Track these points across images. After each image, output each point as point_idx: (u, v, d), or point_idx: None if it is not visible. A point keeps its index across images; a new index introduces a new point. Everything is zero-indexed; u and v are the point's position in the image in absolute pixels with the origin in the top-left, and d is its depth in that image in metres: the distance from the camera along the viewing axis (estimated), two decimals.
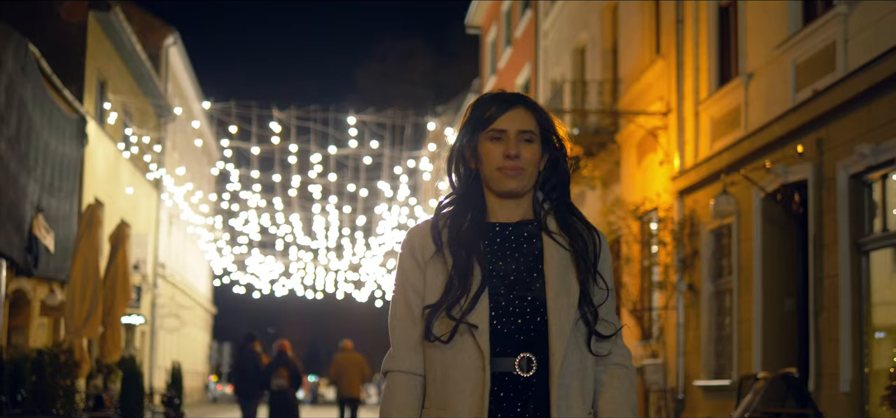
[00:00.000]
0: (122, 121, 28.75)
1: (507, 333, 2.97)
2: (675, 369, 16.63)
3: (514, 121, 3.06)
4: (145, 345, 35.08)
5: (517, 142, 3.05)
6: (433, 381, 3.03)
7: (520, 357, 2.96)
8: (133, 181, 30.43)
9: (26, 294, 21.04)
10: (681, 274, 16.38)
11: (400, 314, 3.10)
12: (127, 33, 28.12)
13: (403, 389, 3.06)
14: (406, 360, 3.07)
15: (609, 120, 19.94)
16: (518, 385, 2.96)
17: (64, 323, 19.49)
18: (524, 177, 3.05)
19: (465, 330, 2.96)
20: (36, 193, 20.23)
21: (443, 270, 3.03)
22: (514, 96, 3.12)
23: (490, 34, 35.19)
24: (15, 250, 18.97)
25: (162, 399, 23.89)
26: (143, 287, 32.17)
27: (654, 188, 17.47)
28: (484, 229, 3.08)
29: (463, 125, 3.15)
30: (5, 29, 18.40)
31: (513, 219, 3.10)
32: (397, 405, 3.05)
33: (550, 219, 3.10)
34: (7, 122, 18.49)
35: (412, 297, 3.08)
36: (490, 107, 3.10)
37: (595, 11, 21.92)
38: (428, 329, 3.00)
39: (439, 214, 3.14)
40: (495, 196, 3.10)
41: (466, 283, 2.97)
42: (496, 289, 2.99)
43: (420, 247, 3.09)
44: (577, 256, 3.04)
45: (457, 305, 2.96)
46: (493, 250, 3.05)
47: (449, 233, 3.06)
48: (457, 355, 2.97)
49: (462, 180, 3.13)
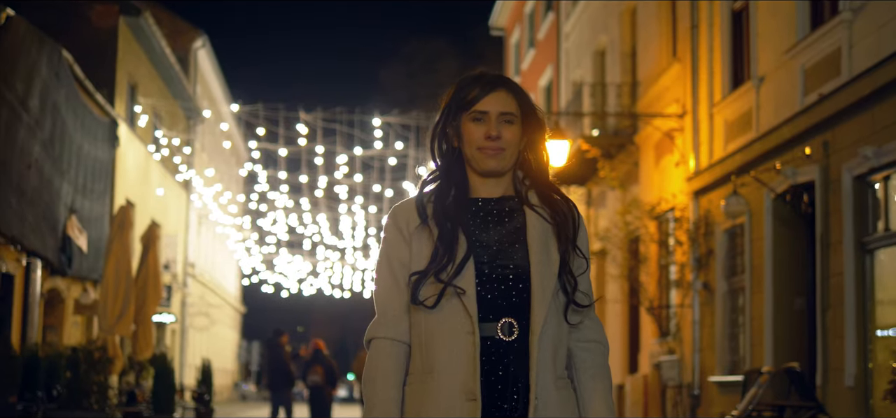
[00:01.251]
0: (152, 123, 29.22)
1: (490, 299, 3.06)
2: (690, 365, 16.99)
3: (495, 104, 3.16)
4: (176, 344, 35.59)
5: (498, 123, 3.15)
6: (419, 347, 3.10)
7: (502, 321, 3.04)
8: (163, 182, 30.91)
9: (61, 293, 21.53)
10: (696, 272, 16.75)
11: (385, 284, 3.19)
12: (156, 37, 28.62)
13: (388, 355, 3.12)
14: (391, 328, 3.14)
15: (628, 122, 20.31)
16: (500, 349, 3.04)
17: (97, 321, 20.00)
18: (504, 157, 3.16)
19: (452, 296, 3.04)
20: (69, 195, 20.74)
21: (428, 241, 3.12)
22: (496, 78, 3.22)
23: (513, 36, 35.54)
24: (50, 250, 19.49)
25: (192, 395, 24.42)
26: (174, 286, 32.66)
27: (671, 189, 17.84)
28: (467, 204, 3.19)
29: (446, 105, 3.24)
30: (39, 36, 18.91)
31: (494, 194, 3.21)
32: (382, 370, 3.11)
33: (532, 193, 3.22)
34: (41, 126, 19.01)
35: (397, 268, 3.16)
36: (473, 88, 3.19)
37: (614, 15, 22.28)
38: (415, 293, 3.08)
39: (423, 190, 3.25)
40: (477, 174, 3.21)
41: (452, 251, 3.07)
42: (480, 258, 3.08)
43: (405, 221, 3.18)
44: (557, 229, 3.16)
45: (444, 271, 3.05)
46: (476, 223, 3.16)
47: (434, 207, 3.16)
48: (444, 320, 3.05)
49: (444, 158, 3.24)
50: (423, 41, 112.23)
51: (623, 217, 18.94)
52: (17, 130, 17.75)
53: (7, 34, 17.23)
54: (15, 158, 17.69)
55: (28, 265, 18.88)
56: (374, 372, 3.12)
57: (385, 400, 3.08)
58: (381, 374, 3.11)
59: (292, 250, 37.49)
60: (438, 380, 3.03)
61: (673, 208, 17.47)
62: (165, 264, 30.08)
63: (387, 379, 3.10)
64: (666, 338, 17.72)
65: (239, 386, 59.29)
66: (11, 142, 17.49)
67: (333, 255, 36.93)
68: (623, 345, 21.18)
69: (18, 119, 17.83)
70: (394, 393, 3.09)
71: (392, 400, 3.09)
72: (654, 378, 18.05)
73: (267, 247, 36.63)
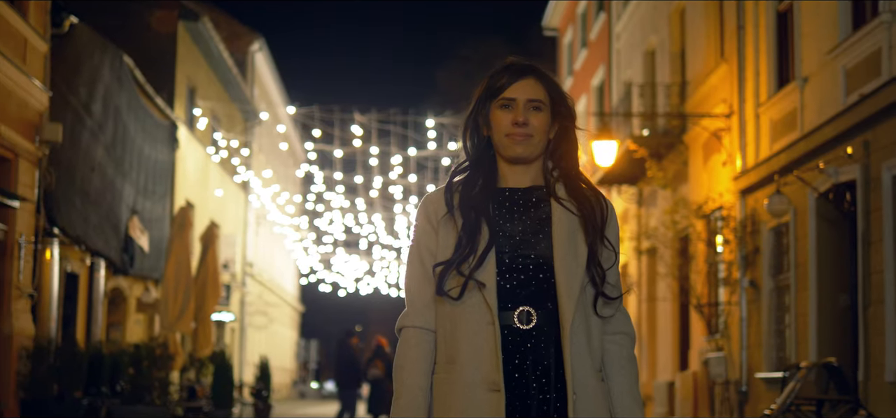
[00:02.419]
0: (210, 126, 29.70)
1: (509, 289, 3.11)
2: (738, 362, 17.20)
3: (523, 91, 3.21)
4: (235, 342, 36.13)
5: (526, 110, 3.19)
6: (444, 337, 3.15)
7: (519, 310, 3.09)
8: (222, 183, 31.42)
9: (123, 292, 22.08)
10: (743, 270, 16.96)
11: (414, 274, 3.24)
12: (215, 41, 29.15)
13: (416, 344, 3.18)
14: (419, 316, 3.20)
15: (677, 122, 20.52)
16: (517, 337, 3.09)
17: (158, 319, 20.57)
18: (532, 143, 3.20)
19: (474, 287, 3.09)
20: (131, 196, 21.29)
21: (454, 231, 3.17)
22: (524, 66, 3.26)
23: (567, 36, 35.76)
24: (112, 250, 20.05)
25: (251, 391, 24.95)
26: (233, 285, 33.18)
27: (718, 188, 18.05)
28: (494, 193, 3.23)
29: (478, 95, 3.29)
30: (101, 42, 19.48)
31: (522, 184, 3.25)
32: (411, 359, 3.17)
33: (559, 185, 3.24)
34: (104, 130, 19.58)
35: (426, 257, 3.21)
36: (502, 76, 3.24)
37: (664, 15, 22.49)
38: (440, 284, 3.13)
39: (452, 179, 3.29)
40: (506, 162, 3.25)
41: (474, 242, 3.12)
42: (501, 247, 3.13)
43: (434, 210, 3.23)
44: (584, 221, 3.18)
45: (465, 262, 3.10)
46: (502, 213, 3.20)
47: (460, 197, 3.21)
48: (466, 311, 3.09)
49: (475, 147, 3.28)
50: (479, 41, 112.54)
51: (671, 216, 19.18)
52: (80, 134, 18.32)
53: (71, 41, 17.81)
54: (79, 161, 18.27)
55: (92, 264, 19.44)
56: (402, 361, 3.19)
57: (412, 387, 3.14)
58: (409, 363, 3.17)
59: (349, 250, 37.93)
60: (461, 372, 3.08)
61: (721, 207, 17.68)
62: (224, 264, 30.60)
63: (414, 367, 3.16)
64: (714, 336, 17.94)
65: (297, 383, 59.88)
66: (75, 145, 18.06)
67: (389, 255, 37.32)
68: (673, 343, 21.39)
69: (82, 123, 18.40)
70: (422, 381, 3.15)
71: (419, 387, 3.14)
72: (703, 375, 18.28)
73: (324, 247, 37.10)
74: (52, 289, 16.95)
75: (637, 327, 24.04)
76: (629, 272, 24.87)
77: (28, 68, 15.88)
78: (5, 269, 15.41)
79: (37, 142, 16.14)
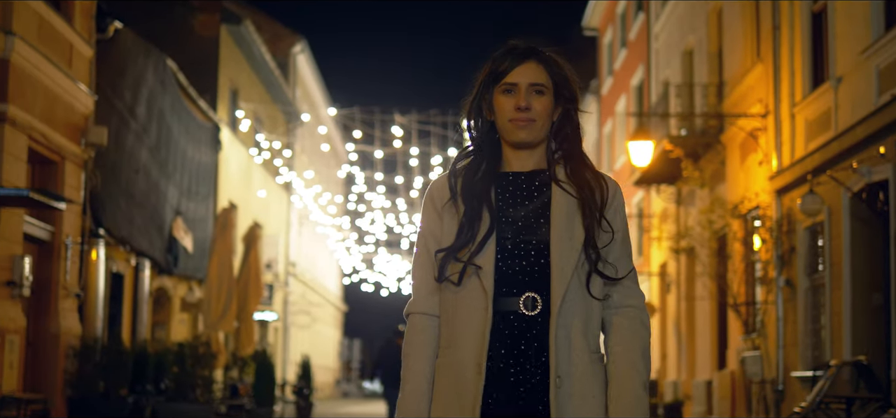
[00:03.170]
0: (253, 127, 30.04)
1: (511, 274, 3.11)
2: (775, 361, 17.28)
3: (525, 75, 3.18)
4: (278, 341, 36.46)
5: (528, 94, 3.17)
6: (445, 322, 3.19)
7: (525, 296, 3.10)
8: (265, 184, 31.76)
9: (167, 291, 22.43)
10: (779, 270, 17.04)
11: (420, 260, 3.26)
12: (257, 44, 29.49)
13: (422, 330, 3.21)
14: (424, 303, 3.23)
15: (714, 121, 20.61)
16: (522, 323, 3.09)
17: (202, 318, 20.90)
18: (535, 128, 3.18)
19: (473, 273, 3.10)
20: (175, 198, 21.65)
21: (456, 217, 3.18)
22: (526, 50, 3.24)
23: (606, 36, 35.82)
24: (157, 251, 20.41)
25: (293, 389, 25.26)
26: (275, 285, 33.50)
27: (755, 187, 18.13)
28: (497, 178, 3.22)
29: (480, 80, 3.26)
30: (145, 46, 19.84)
31: (526, 168, 3.23)
32: (416, 345, 3.21)
33: (560, 168, 3.22)
34: (148, 133, 19.95)
35: (431, 244, 3.23)
36: (504, 61, 3.22)
37: (701, 15, 22.56)
38: (441, 271, 3.16)
39: (456, 165, 3.29)
40: (510, 146, 3.23)
41: (475, 228, 3.13)
42: (503, 233, 3.14)
43: (438, 196, 3.24)
44: (583, 203, 3.15)
45: (465, 249, 3.12)
46: (505, 198, 3.19)
47: (463, 182, 3.21)
48: (464, 296, 3.12)
49: (479, 132, 3.26)
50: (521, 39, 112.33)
51: (706, 216, 19.28)
52: (125, 137, 18.69)
53: (115, 46, 18.18)
54: (124, 163, 18.64)
55: (137, 265, 19.81)
56: (408, 348, 3.24)
57: (417, 373, 3.19)
58: (414, 349, 3.21)
59: (390, 249, 38.18)
60: (455, 354, 3.12)
61: (757, 206, 17.76)
62: (267, 264, 30.95)
63: (419, 353, 3.20)
64: (751, 335, 18.02)
65: (341, 382, 60.22)
66: (120, 148, 18.43)
67: None
68: (712, 342, 21.46)
69: (126, 126, 18.77)
70: (425, 367, 3.19)
71: (423, 373, 3.18)
72: (741, 374, 18.36)
73: (366, 247, 37.37)
74: (98, 289, 17.31)
75: (675, 326, 24.14)
76: (668, 271, 24.97)
77: (74, 73, 16.24)
78: (52, 270, 15.77)
79: (83, 145, 16.50)
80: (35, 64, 14.79)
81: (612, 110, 33.71)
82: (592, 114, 37.86)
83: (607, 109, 34.86)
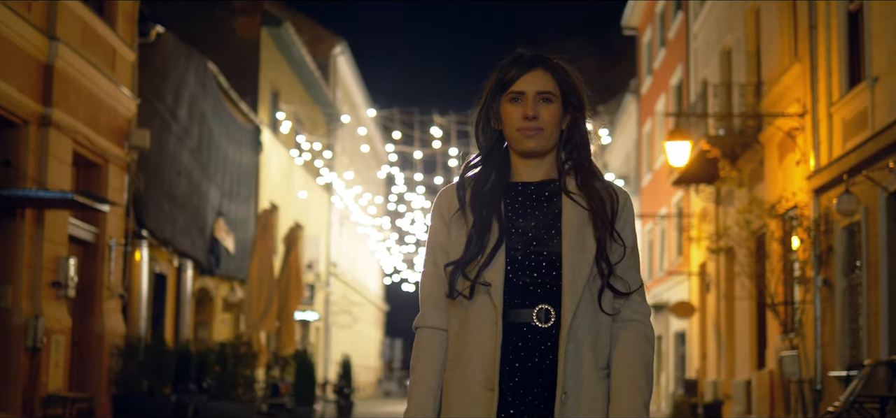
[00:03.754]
0: (294, 129, 30.20)
1: (522, 286, 3.05)
2: (813, 360, 17.28)
3: (532, 83, 3.13)
4: (320, 340, 36.65)
5: (535, 103, 3.12)
6: (453, 336, 3.12)
7: (538, 308, 3.03)
8: (305, 185, 31.96)
9: (210, 291, 22.70)
10: (817, 269, 17.04)
11: (428, 272, 3.20)
12: (297, 46, 29.69)
13: (429, 344, 3.15)
14: (432, 316, 3.16)
15: (753, 121, 20.61)
16: (536, 335, 3.03)
17: (243, 318, 21.16)
18: (543, 137, 3.13)
19: (482, 288, 3.04)
20: (217, 199, 21.91)
21: (465, 227, 3.11)
22: (533, 58, 3.18)
23: (646, 35, 35.83)
24: (199, 252, 20.68)
25: (333, 389, 25.47)
26: (317, 285, 33.70)
27: (793, 187, 18.14)
28: (506, 188, 3.16)
29: (488, 89, 3.21)
30: (187, 50, 20.10)
31: (535, 178, 3.17)
32: (422, 360, 3.14)
33: (570, 178, 3.16)
34: (190, 135, 20.21)
35: (439, 256, 3.16)
36: (510, 69, 3.16)
37: (739, 14, 22.56)
38: (451, 286, 3.09)
39: (465, 175, 3.22)
40: (519, 156, 3.18)
41: (484, 240, 3.06)
42: (513, 245, 3.07)
43: (447, 207, 3.17)
44: (594, 214, 3.10)
45: (473, 263, 3.06)
46: (514, 209, 3.13)
47: (471, 193, 3.14)
48: (474, 310, 3.06)
49: (487, 141, 3.20)
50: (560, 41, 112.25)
51: (743, 216, 19.30)
52: (167, 139, 18.96)
53: (157, 50, 18.46)
54: (166, 166, 18.91)
55: (179, 265, 20.08)
56: (415, 362, 3.16)
57: (423, 389, 3.12)
58: (421, 364, 3.14)
59: None
60: (464, 369, 3.06)
61: (795, 206, 17.77)
62: (308, 264, 31.16)
63: (426, 368, 3.13)
64: (789, 335, 18.03)
65: (382, 382, 60.44)
66: (162, 150, 18.70)
67: None
68: (751, 342, 21.46)
69: (169, 129, 19.04)
70: (432, 382, 3.12)
71: (430, 389, 3.12)
72: (779, 373, 18.37)
73: (406, 247, 37.53)
74: (141, 290, 17.59)
75: (715, 325, 24.14)
76: (708, 271, 24.97)
77: (117, 77, 16.52)
78: (97, 271, 16.06)
79: (125, 147, 16.79)
80: (79, 69, 15.08)
81: (651, 109, 33.70)
82: (632, 114, 37.84)
83: (647, 109, 34.85)
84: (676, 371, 31.16)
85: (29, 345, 13.54)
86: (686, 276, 27.71)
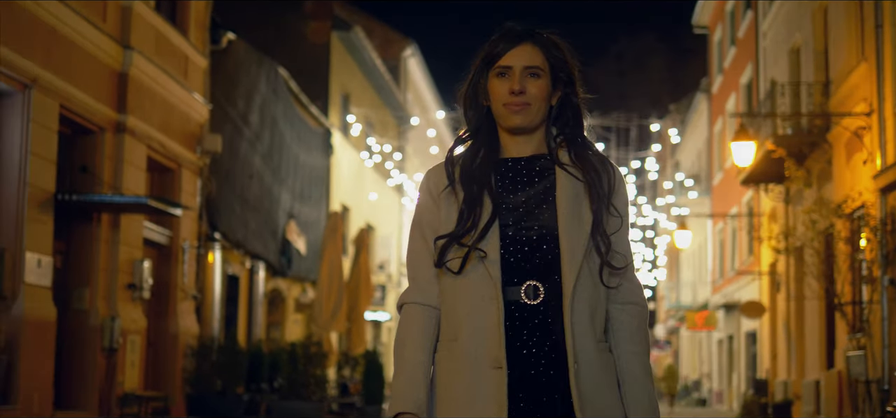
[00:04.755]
0: (364, 131, 30.48)
1: (513, 262, 2.96)
2: (880, 360, 17.21)
3: (519, 57, 3.05)
4: (391, 341, 36.97)
5: (522, 77, 3.03)
6: (446, 313, 3.02)
7: (526, 284, 2.95)
8: (376, 187, 32.19)
9: (282, 293, 23.07)
10: (884, 269, 16.96)
11: (416, 249, 3.11)
12: (367, 49, 29.93)
13: (418, 319, 3.05)
14: (421, 292, 3.07)
15: (820, 121, 20.54)
16: (524, 312, 2.95)
17: (314, 318, 21.47)
18: (530, 112, 3.04)
19: (477, 261, 2.95)
20: (288, 201, 22.28)
21: (455, 204, 3.03)
22: (522, 32, 3.11)
23: (716, 33, 35.68)
24: (271, 253, 21.06)
25: None
26: (388, 286, 33.90)
27: (859, 186, 18.07)
28: (496, 164, 3.08)
29: (476, 64, 3.14)
30: (258, 56, 20.49)
31: (524, 153, 3.09)
32: (411, 335, 3.04)
33: (563, 152, 3.09)
34: (261, 139, 20.60)
35: (428, 233, 3.07)
36: (498, 44, 3.09)
37: (807, 13, 22.46)
38: (441, 257, 3.00)
39: (453, 151, 3.15)
40: (507, 132, 3.09)
41: (476, 215, 2.98)
42: (504, 220, 2.99)
43: (435, 184, 3.09)
44: (589, 187, 3.03)
45: (466, 237, 2.97)
46: (505, 184, 3.05)
47: (461, 169, 3.06)
48: (468, 286, 2.96)
49: (475, 117, 3.11)
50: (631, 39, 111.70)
51: (809, 215, 19.24)
52: (239, 144, 19.36)
53: (229, 56, 18.86)
54: (238, 170, 19.31)
55: (252, 267, 20.47)
56: (403, 337, 3.06)
57: (413, 363, 3.00)
58: (410, 339, 3.04)
59: None
60: (463, 348, 2.96)
61: (862, 205, 17.70)
62: (380, 265, 31.44)
63: (414, 342, 3.03)
64: (856, 335, 17.96)
65: None
66: (234, 154, 19.11)
67: None
68: (820, 342, 21.37)
69: (240, 134, 19.44)
70: (422, 357, 3.01)
71: (420, 363, 3.01)
72: (847, 374, 18.30)
73: None
74: (214, 291, 18.00)
75: (785, 325, 24.06)
76: (777, 270, 24.88)
77: (189, 83, 16.93)
78: (171, 273, 16.48)
79: (198, 152, 17.19)
80: (152, 76, 15.49)
81: (722, 108, 33.58)
82: (703, 113, 37.70)
83: (718, 108, 34.72)
84: (748, 370, 31.04)
85: (105, 346, 13.96)
86: (757, 276, 27.61)
